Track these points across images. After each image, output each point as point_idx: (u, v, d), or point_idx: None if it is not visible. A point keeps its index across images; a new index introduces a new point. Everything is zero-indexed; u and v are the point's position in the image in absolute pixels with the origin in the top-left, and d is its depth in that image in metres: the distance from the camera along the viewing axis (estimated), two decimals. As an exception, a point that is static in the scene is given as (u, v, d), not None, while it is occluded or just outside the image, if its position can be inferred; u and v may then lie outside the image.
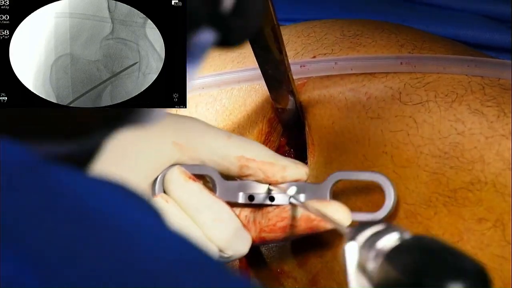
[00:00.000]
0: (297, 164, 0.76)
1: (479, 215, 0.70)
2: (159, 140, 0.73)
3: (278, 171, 0.75)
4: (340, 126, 0.79)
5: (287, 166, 0.75)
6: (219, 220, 0.73)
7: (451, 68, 0.76)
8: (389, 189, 0.73)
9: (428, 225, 0.72)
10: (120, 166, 0.71)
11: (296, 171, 0.75)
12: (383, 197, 0.73)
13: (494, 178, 0.70)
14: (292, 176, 0.75)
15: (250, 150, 0.74)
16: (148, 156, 0.73)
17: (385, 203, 0.73)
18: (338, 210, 0.73)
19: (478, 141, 0.72)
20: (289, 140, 0.85)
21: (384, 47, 0.81)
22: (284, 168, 0.75)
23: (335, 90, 0.80)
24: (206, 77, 0.83)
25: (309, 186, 0.75)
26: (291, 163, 0.75)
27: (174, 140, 0.73)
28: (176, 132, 0.73)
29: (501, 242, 0.69)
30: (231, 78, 0.83)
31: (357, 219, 0.74)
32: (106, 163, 0.69)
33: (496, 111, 0.72)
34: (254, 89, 0.85)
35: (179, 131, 0.73)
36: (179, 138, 0.73)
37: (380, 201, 0.74)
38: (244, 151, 0.74)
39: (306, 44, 0.84)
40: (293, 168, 0.75)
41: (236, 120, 0.85)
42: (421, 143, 0.74)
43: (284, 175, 0.75)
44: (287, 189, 0.75)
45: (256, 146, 0.75)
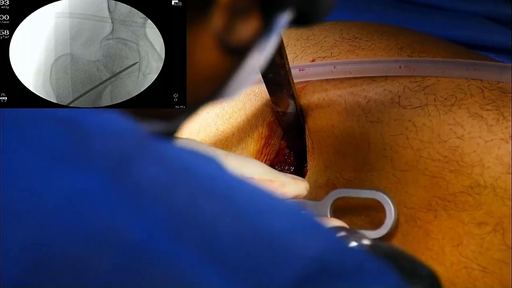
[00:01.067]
0: (296, 180, 0.75)
1: (479, 219, 0.70)
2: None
3: (277, 188, 0.74)
4: (340, 129, 0.79)
5: (286, 183, 0.75)
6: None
7: (450, 71, 0.76)
8: (390, 207, 0.73)
9: (428, 229, 0.72)
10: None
11: (296, 187, 0.75)
12: (382, 214, 0.73)
13: (493, 182, 0.70)
14: (291, 192, 0.75)
15: (248, 168, 0.74)
16: None
17: (386, 221, 0.73)
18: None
19: (478, 145, 0.72)
20: (289, 143, 0.85)
21: (383, 50, 0.81)
22: (284, 185, 0.75)
23: (335, 93, 0.80)
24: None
25: (309, 203, 0.76)
26: (290, 179, 0.75)
27: None
28: None
29: (501, 246, 0.69)
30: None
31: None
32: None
33: (495, 114, 0.72)
34: (254, 92, 0.85)
35: None
36: None
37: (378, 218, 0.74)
38: (242, 169, 0.74)
39: (305, 47, 0.84)
40: (292, 184, 0.75)
41: (236, 123, 0.85)
42: (420, 147, 0.74)
43: (283, 192, 0.75)
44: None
45: (254, 163, 0.75)
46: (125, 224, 0.39)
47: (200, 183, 0.42)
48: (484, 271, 0.69)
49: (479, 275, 0.70)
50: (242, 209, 0.42)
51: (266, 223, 0.42)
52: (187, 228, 0.40)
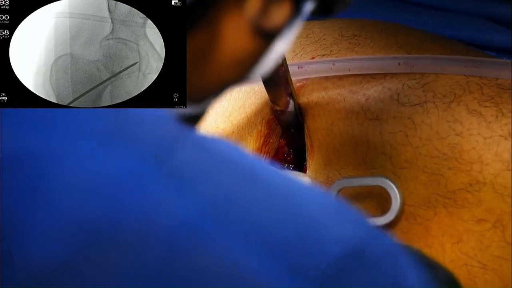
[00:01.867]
0: (297, 176, 0.76)
1: (479, 216, 0.70)
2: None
3: None
4: (339, 127, 0.79)
5: None
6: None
7: (449, 68, 0.76)
8: (394, 191, 0.72)
9: (428, 226, 0.72)
10: None
11: None
12: (386, 200, 0.73)
13: (493, 179, 0.70)
14: None
15: None
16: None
17: (392, 205, 0.72)
18: None
19: (477, 142, 0.72)
20: (288, 141, 0.85)
21: (382, 48, 0.80)
22: None
23: (334, 92, 0.80)
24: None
25: None
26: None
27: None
28: None
29: (501, 243, 0.69)
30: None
31: None
32: None
33: (494, 111, 0.72)
34: (253, 90, 0.85)
35: None
36: None
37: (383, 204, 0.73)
38: None
39: (304, 45, 0.84)
40: None
41: (236, 121, 0.85)
42: (419, 144, 0.74)
43: None
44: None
45: None
46: (172, 205, 0.40)
47: (239, 169, 0.43)
48: (484, 268, 0.70)
49: (479, 272, 0.70)
50: (280, 195, 0.43)
51: (304, 209, 0.43)
52: (229, 211, 0.41)
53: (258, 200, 0.42)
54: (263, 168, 0.45)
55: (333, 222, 0.43)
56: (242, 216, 0.41)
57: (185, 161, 0.42)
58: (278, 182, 0.44)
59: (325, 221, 0.43)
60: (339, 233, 0.42)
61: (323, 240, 0.42)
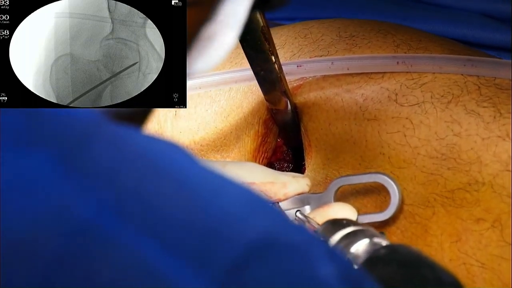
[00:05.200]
0: (296, 178, 0.76)
1: (477, 215, 0.70)
2: None
3: (279, 189, 0.75)
4: (337, 127, 0.79)
5: (288, 182, 0.75)
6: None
7: (447, 67, 0.76)
8: (393, 187, 0.73)
9: (427, 225, 0.72)
10: None
11: (297, 186, 0.75)
12: (385, 198, 0.73)
13: (491, 179, 0.70)
14: (294, 191, 0.75)
15: (248, 173, 0.74)
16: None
17: (391, 201, 0.73)
18: (341, 208, 0.73)
19: (475, 142, 0.72)
20: (285, 141, 0.85)
21: (380, 47, 0.81)
22: (285, 185, 0.75)
23: (332, 91, 0.80)
24: (203, 77, 0.83)
25: (313, 197, 0.76)
26: (291, 179, 0.75)
27: None
28: None
29: (500, 242, 0.69)
30: (228, 78, 0.83)
31: (366, 221, 0.73)
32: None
33: (492, 111, 0.72)
34: (251, 90, 0.85)
35: None
36: None
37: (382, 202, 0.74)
38: (243, 176, 0.74)
39: (302, 46, 0.84)
40: (294, 183, 0.75)
41: (234, 121, 0.85)
42: (418, 144, 0.74)
43: (286, 192, 0.75)
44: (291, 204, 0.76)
45: (253, 169, 0.75)
46: (73, 204, 0.39)
47: (150, 165, 0.42)
48: (483, 267, 0.70)
49: (478, 271, 0.70)
50: (192, 189, 0.42)
51: (215, 203, 0.42)
52: (134, 208, 0.40)
53: (167, 197, 0.41)
54: (180, 163, 0.43)
55: (245, 215, 0.42)
56: (147, 214, 0.40)
57: (92, 160, 0.41)
58: (192, 176, 0.43)
59: (236, 214, 0.42)
60: (249, 226, 0.42)
61: (232, 233, 0.41)
